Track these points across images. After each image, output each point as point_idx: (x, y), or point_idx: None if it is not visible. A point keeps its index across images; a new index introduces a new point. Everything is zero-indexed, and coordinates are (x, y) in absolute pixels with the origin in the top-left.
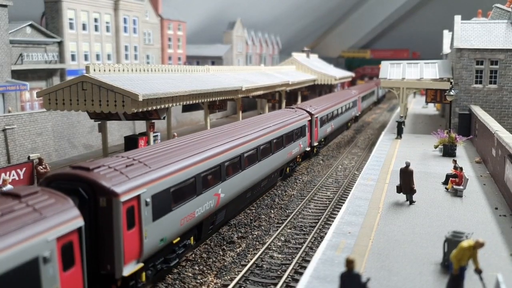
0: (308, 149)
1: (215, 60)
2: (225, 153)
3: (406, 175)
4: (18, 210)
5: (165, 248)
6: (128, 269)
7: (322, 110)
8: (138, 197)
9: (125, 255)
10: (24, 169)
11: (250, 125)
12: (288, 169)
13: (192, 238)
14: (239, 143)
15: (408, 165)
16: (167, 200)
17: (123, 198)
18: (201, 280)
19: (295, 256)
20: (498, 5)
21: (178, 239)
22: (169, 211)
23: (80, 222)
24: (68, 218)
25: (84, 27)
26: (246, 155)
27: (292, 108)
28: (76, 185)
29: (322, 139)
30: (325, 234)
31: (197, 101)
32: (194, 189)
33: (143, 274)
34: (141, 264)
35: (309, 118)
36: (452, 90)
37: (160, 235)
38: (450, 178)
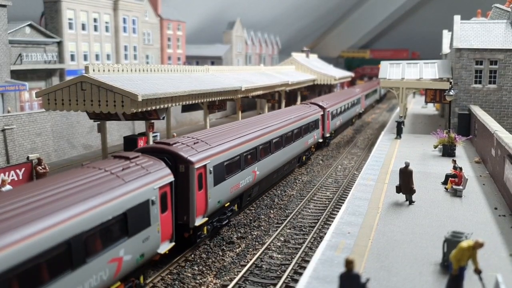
0: (321, 140)
1: (215, 60)
2: (260, 138)
3: (405, 175)
4: (132, 166)
5: (219, 209)
6: (198, 221)
7: (332, 105)
8: (205, 167)
9: (196, 209)
10: (23, 169)
11: (275, 116)
12: (304, 157)
13: (236, 205)
14: (269, 131)
15: (407, 165)
16: (222, 171)
17: (196, 166)
18: (201, 281)
19: (295, 256)
20: (497, 5)
21: (228, 203)
22: (223, 180)
23: (171, 178)
24: (164, 174)
25: (83, 27)
26: (274, 142)
27: (307, 103)
28: (161, 155)
29: (333, 131)
30: (325, 234)
31: (196, 101)
32: (239, 165)
33: (205, 228)
34: (206, 219)
35: (322, 112)
36: (452, 90)
37: (218, 197)
38: (450, 178)
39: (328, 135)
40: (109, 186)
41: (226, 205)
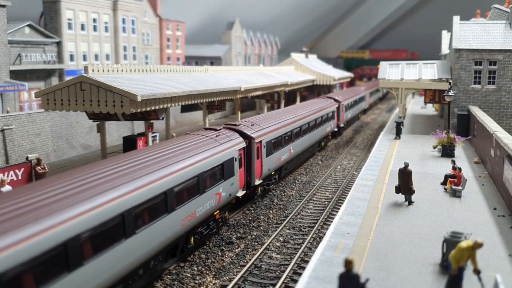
0: (336, 129)
1: (214, 61)
2: (293, 124)
3: (405, 175)
4: (221, 135)
5: (268, 176)
6: (257, 182)
7: (345, 99)
8: (260, 142)
9: (256, 173)
10: (22, 169)
11: (302, 107)
12: (323, 143)
13: (277, 175)
14: (299, 118)
15: (406, 165)
16: (270, 147)
17: (256, 141)
18: (200, 281)
19: (294, 257)
20: (496, 5)
21: (273, 172)
22: (271, 154)
23: (244, 144)
24: (240, 141)
25: (82, 28)
26: (303, 128)
27: (324, 97)
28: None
29: (345, 122)
30: (324, 234)
31: (196, 102)
32: (281, 144)
33: (259, 188)
34: (261, 181)
35: (337, 105)
36: (451, 91)
37: (268, 166)
38: (449, 179)
39: (342, 125)
40: (212, 145)
41: (272, 173)
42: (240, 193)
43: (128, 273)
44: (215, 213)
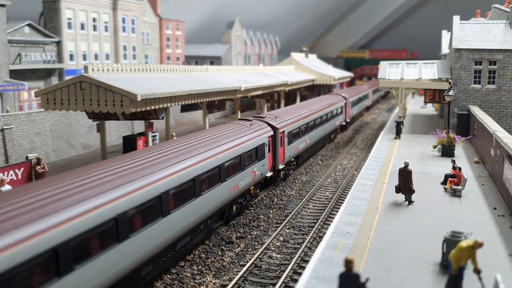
0: (344, 123)
1: (214, 60)
2: (310, 117)
3: (405, 175)
4: (254, 124)
5: (288, 162)
6: (280, 166)
7: (351, 96)
8: (283, 132)
9: (280, 158)
10: (22, 169)
11: (315, 103)
12: (332, 135)
13: (295, 162)
14: (313, 112)
15: (407, 165)
16: (291, 136)
17: (280, 131)
18: (200, 280)
19: (294, 256)
20: (496, 5)
21: (293, 159)
22: (291, 143)
23: (272, 133)
24: (269, 130)
25: (82, 27)
26: (316, 121)
27: (333, 94)
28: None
29: (351, 118)
30: (324, 234)
31: (195, 101)
32: (299, 134)
33: (282, 172)
34: (283, 166)
35: (345, 101)
36: (451, 90)
37: (289, 153)
38: (449, 178)
39: (348, 120)
40: (249, 132)
41: (291, 160)
42: (269, 174)
43: (195, 226)
44: (250, 188)
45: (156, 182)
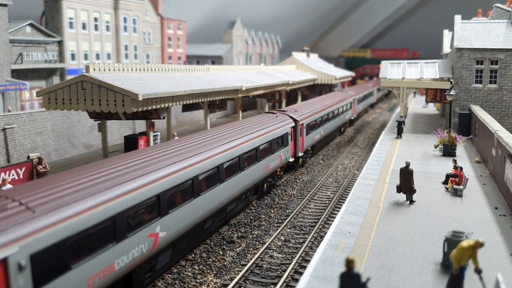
0: (352, 118)
1: (215, 60)
2: (324, 111)
3: (406, 174)
4: (278, 117)
5: (306, 151)
6: (300, 154)
7: (358, 93)
8: (303, 124)
9: (299, 147)
10: (23, 168)
11: (328, 99)
12: (342, 128)
13: (311, 151)
14: (327, 107)
15: (408, 164)
16: (308, 128)
17: (300, 122)
18: (201, 280)
19: (295, 256)
20: (498, 4)
21: (309, 148)
22: (309, 134)
23: (293, 124)
24: (291, 122)
25: (84, 27)
26: (329, 116)
27: (342, 91)
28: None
29: (357, 114)
30: (325, 233)
31: (197, 101)
32: (315, 126)
33: (300, 159)
34: (302, 154)
35: (353, 97)
36: (452, 90)
37: (307, 143)
38: (450, 178)
39: (355, 116)
40: (275, 122)
41: (308, 149)
42: (291, 159)
43: (239, 196)
44: (277, 170)
45: (215, 155)
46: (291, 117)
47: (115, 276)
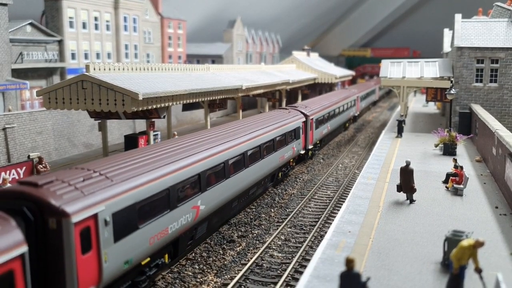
0: (356, 115)
1: (215, 59)
2: (330, 107)
3: (406, 174)
4: (290, 112)
5: (315, 144)
6: (310, 146)
7: (360, 91)
8: (312, 119)
9: (310, 140)
10: (24, 168)
11: (334, 96)
12: (347, 124)
13: (319, 144)
14: (333, 103)
15: (408, 164)
16: (318, 123)
17: (310, 117)
18: (201, 279)
19: (295, 255)
20: (498, 3)
21: (318, 142)
22: (318, 128)
23: (304, 119)
24: (302, 117)
25: (84, 26)
26: (335, 112)
27: (346, 89)
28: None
29: (360, 112)
30: (325, 233)
31: (197, 100)
32: (323, 121)
33: (310, 151)
34: (311, 146)
35: (357, 95)
36: (453, 89)
37: (316, 136)
38: (451, 177)
39: (358, 113)
40: (288, 117)
41: (317, 142)
42: (302, 152)
43: (259, 181)
44: (290, 161)
45: (241, 143)
46: (302, 113)
47: (168, 239)
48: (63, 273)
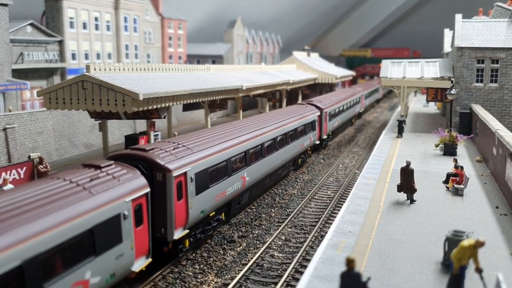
0: (361, 111)
1: (216, 59)
2: (341, 102)
3: (406, 174)
4: (308, 107)
5: (329, 135)
6: (324, 136)
7: (364, 90)
8: (326, 112)
9: (324, 131)
10: (24, 168)
11: (342, 93)
12: (353, 119)
13: (331, 136)
14: (343, 99)
15: (408, 164)
16: (331, 116)
17: (324, 111)
18: (202, 279)
19: (296, 255)
20: (499, 3)
21: (331, 133)
22: (331, 121)
23: (319, 112)
24: (317, 111)
25: (84, 26)
26: (344, 107)
27: (351, 87)
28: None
29: (364, 108)
30: (326, 233)
31: (197, 100)
32: (335, 115)
33: (323, 142)
34: (325, 137)
35: (361, 93)
36: (453, 89)
37: (329, 128)
38: (451, 177)
39: (363, 110)
40: (305, 111)
41: (330, 134)
42: (317, 142)
43: (284, 164)
44: (308, 149)
45: (273, 130)
46: (317, 107)
47: (225, 200)
48: (165, 213)
